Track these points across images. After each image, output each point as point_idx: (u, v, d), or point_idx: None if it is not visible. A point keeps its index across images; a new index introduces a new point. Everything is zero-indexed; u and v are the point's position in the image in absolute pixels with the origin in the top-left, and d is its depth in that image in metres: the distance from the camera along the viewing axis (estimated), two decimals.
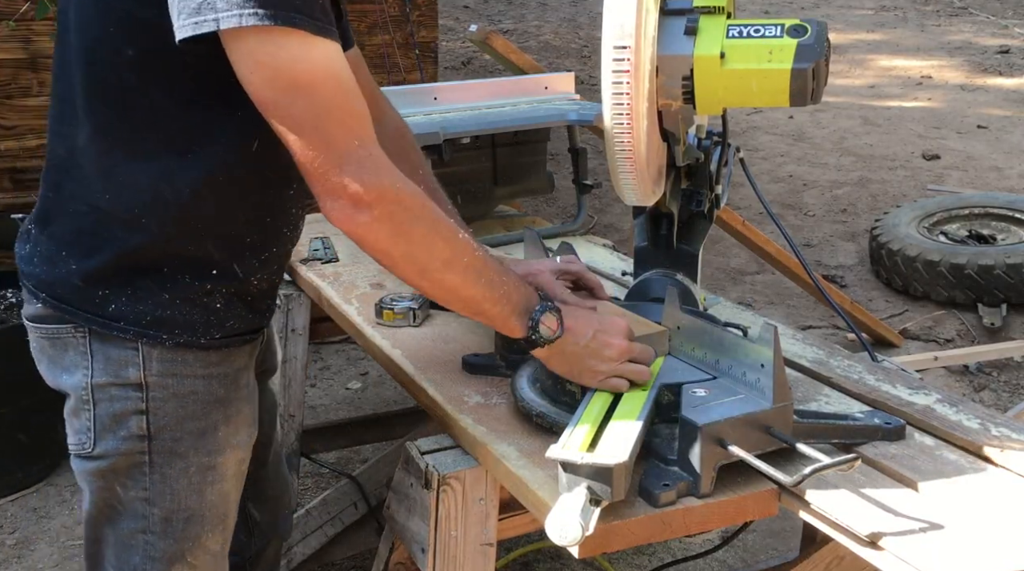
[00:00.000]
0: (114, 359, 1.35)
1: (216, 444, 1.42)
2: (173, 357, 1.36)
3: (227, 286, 1.39)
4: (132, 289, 1.33)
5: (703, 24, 1.36)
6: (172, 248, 1.33)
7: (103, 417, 1.37)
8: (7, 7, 3.58)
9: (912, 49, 8.88)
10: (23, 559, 2.80)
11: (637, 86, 1.31)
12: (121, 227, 1.31)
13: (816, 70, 1.31)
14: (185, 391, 1.38)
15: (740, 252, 4.79)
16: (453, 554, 1.43)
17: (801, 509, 1.26)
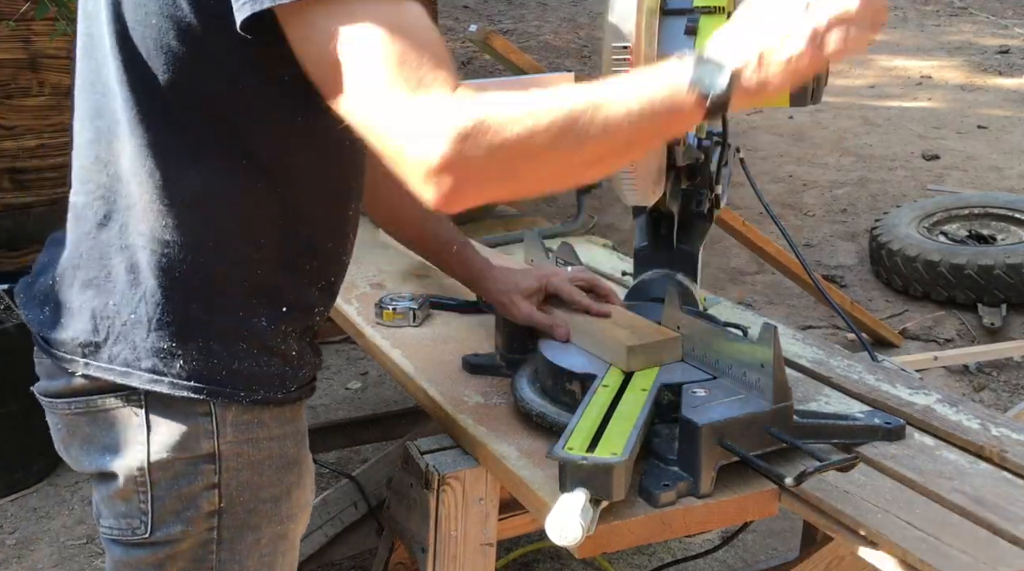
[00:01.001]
0: (183, 429, 1.15)
1: (289, 510, 1.26)
2: (249, 420, 1.18)
3: (298, 325, 1.22)
4: (205, 340, 1.14)
5: (703, 24, 1.36)
6: (246, 277, 1.15)
7: (166, 499, 1.16)
8: (7, 7, 3.58)
9: (912, 49, 8.88)
10: (23, 559, 2.80)
11: None
12: (187, 259, 1.12)
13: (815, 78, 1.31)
14: (261, 456, 1.20)
15: (740, 252, 4.79)
16: (453, 554, 1.43)
17: (801, 509, 1.26)
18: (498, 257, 2.08)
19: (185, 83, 1.08)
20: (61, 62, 3.78)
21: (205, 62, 1.08)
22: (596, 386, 1.38)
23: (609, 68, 1.33)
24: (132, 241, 1.12)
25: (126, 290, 1.13)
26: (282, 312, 1.19)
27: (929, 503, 1.22)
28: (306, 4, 0.98)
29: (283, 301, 1.19)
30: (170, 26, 1.06)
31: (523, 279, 1.63)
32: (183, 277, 1.12)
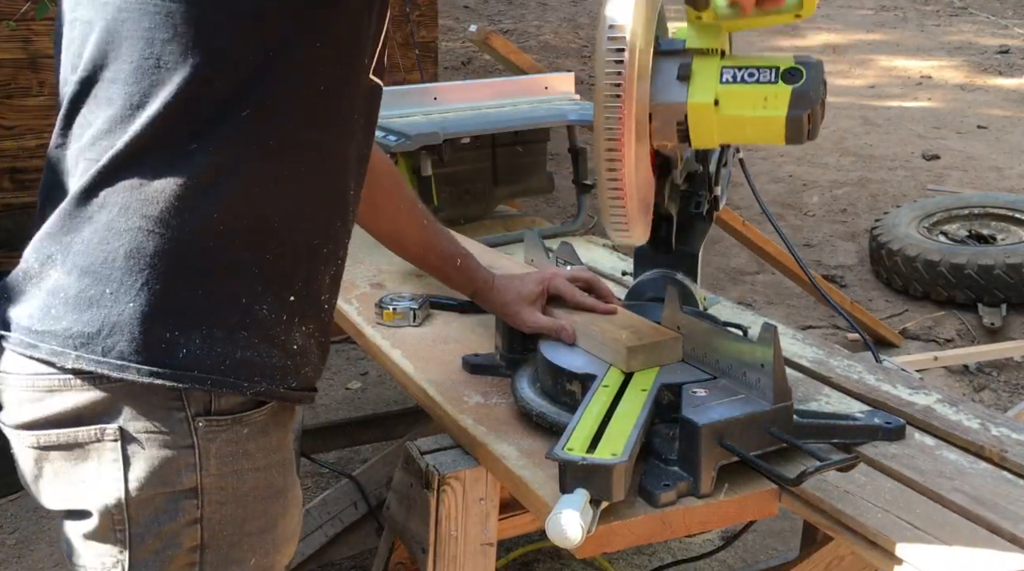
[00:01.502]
0: (160, 463, 1.09)
1: (275, 541, 1.21)
2: (234, 451, 1.12)
3: (304, 316, 1.18)
4: (207, 327, 1.08)
5: (696, 68, 1.33)
6: (255, 262, 1.11)
7: (145, 536, 1.11)
8: (7, 7, 3.58)
9: (912, 49, 8.88)
10: (23, 559, 2.80)
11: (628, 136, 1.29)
12: (200, 243, 1.08)
13: (811, 114, 1.29)
14: (246, 489, 1.15)
15: (740, 252, 4.79)
16: (453, 554, 1.43)
17: (801, 509, 1.26)
18: (498, 257, 2.08)
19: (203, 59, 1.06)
20: None
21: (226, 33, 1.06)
22: (596, 386, 1.38)
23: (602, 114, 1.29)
24: (135, 224, 1.06)
25: (125, 277, 1.06)
26: (289, 301, 1.15)
27: (929, 503, 1.22)
28: None
29: (292, 288, 1.15)
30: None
31: (525, 286, 1.63)
32: (191, 262, 1.07)
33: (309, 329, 1.19)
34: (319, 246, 1.18)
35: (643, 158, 1.34)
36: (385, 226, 1.59)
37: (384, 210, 1.56)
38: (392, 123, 2.37)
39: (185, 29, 1.05)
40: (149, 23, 1.06)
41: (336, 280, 1.24)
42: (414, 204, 1.59)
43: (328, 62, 1.11)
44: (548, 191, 2.69)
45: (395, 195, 1.57)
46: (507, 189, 2.58)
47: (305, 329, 1.19)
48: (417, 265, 1.70)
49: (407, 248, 1.63)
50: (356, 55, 1.16)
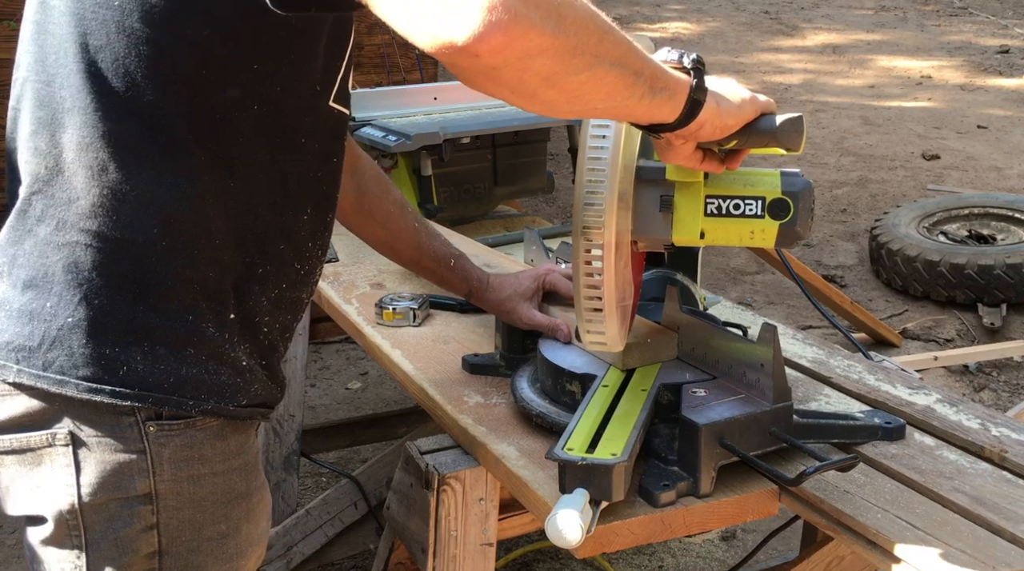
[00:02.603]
0: (112, 468, 1.07)
1: (238, 546, 1.18)
2: (189, 455, 1.10)
3: (245, 337, 1.15)
4: (150, 343, 1.06)
5: (678, 201, 1.29)
6: (196, 279, 1.09)
7: (100, 543, 1.09)
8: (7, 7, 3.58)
9: (912, 49, 8.88)
10: (23, 559, 2.79)
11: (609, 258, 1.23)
12: (134, 256, 1.06)
13: (800, 239, 1.28)
14: (204, 493, 1.13)
15: (740, 252, 4.79)
16: (453, 554, 1.43)
17: (801, 509, 1.26)
18: (498, 257, 2.08)
19: (146, 69, 1.03)
20: None
21: (170, 44, 1.03)
22: (596, 386, 1.38)
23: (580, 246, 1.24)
24: (73, 238, 1.05)
25: (64, 291, 1.05)
26: (230, 320, 1.13)
27: (929, 503, 1.23)
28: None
29: (231, 308, 1.13)
30: (135, 6, 1.02)
31: (520, 283, 1.63)
32: (131, 277, 1.05)
33: (248, 350, 1.16)
34: (253, 266, 1.14)
35: (623, 266, 1.29)
36: (378, 232, 1.59)
37: (375, 216, 1.56)
38: (392, 123, 2.37)
39: (121, 39, 1.03)
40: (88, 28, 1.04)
41: (280, 305, 1.19)
42: (404, 208, 1.59)
43: (268, 86, 1.08)
44: (548, 191, 2.69)
45: (385, 200, 1.57)
46: (507, 189, 2.58)
47: (245, 349, 1.16)
48: (412, 269, 1.70)
49: (400, 252, 1.63)
50: (303, 81, 1.13)
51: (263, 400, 1.20)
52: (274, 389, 1.22)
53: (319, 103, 1.17)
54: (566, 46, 0.89)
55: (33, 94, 1.09)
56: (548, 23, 0.87)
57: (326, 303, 2.05)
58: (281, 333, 1.23)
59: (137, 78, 1.03)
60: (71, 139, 1.05)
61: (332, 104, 1.19)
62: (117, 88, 1.04)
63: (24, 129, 1.10)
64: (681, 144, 1.15)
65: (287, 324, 1.24)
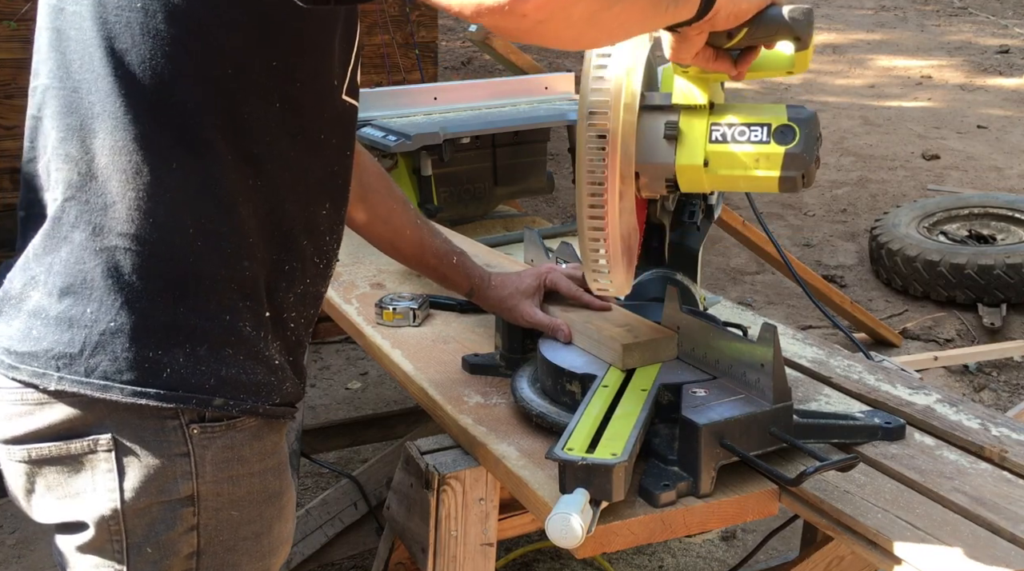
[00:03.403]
0: (156, 472, 1.08)
1: (270, 545, 1.20)
2: (229, 456, 1.11)
3: (277, 336, 1.17)
4: (191, 345, 1.07)
5: (683, 126, 1.28)
6: (233, 278, 1.10)
7: (142, 547, 1.10)
8: (7, 7, 3.58)
9: (912, 49, 8.88)
10: (23, 559, 2.80)
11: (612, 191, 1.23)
12: (172, 258, 1.07)
13: (806, 173, 1.25)
14: (242, 494, 1.14)
15: (740, 252, 4.79)
16: (453, 554, 1.43)
17: (801, 509, 1.26)
18: (498, 257, 2.08)
19: (173, 70, 1.04)
20: None
21: (195, 44, 1.04)
22: (596, 386, 1.38)
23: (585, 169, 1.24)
24: (111, 243, 1.06)
25: (104, 296, 1.05)
26: (265, 317, 1.14)
27: (929, 503, 1.22)
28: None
29: (265, 306, 1.14)
30: (158, 7, 1.03)
31: (522, 281, 1.63)
32: (170, 278, 1.07)
33: (279, 348, 1.18)
34: (280, 262, 1.16)
35: (627, 208, 1.29)
36: (380, 229, 1.59)
37: (379, 212, 1.57)
38: (392, 123, 2.37)
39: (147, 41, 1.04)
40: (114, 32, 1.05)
41: (304, 300, 1.21)
42: (406, 205, 1.60)
43: (289, 82, 1.10)
44: (548, 191, 2.69)
45: (388, 197, 1.57)
46: (507, 189, 2.58)
47: (277, 347, 1.17)
48: (413, 267, 1.70)
49: (402, 249, 1.63)
50: (322, 76, 1.15)
51: (292, 398, 1.21)
52: (300, 386, 1.23)
53: (335, 97, 1.19)
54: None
55: (58, 101, 1.09)
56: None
57: (326, 303, 2.05)
58: (305, 328, 1.24)
59: (164, 79, 1.04)
60: (103, 144, 1.05)
61: (345, 98, 1.21)
62: (146, 91, 1.04)
63: (51, 137, 1.10)
64: (696, 35, 1.15)
65: (310, 318, 1.25)
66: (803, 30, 1.17)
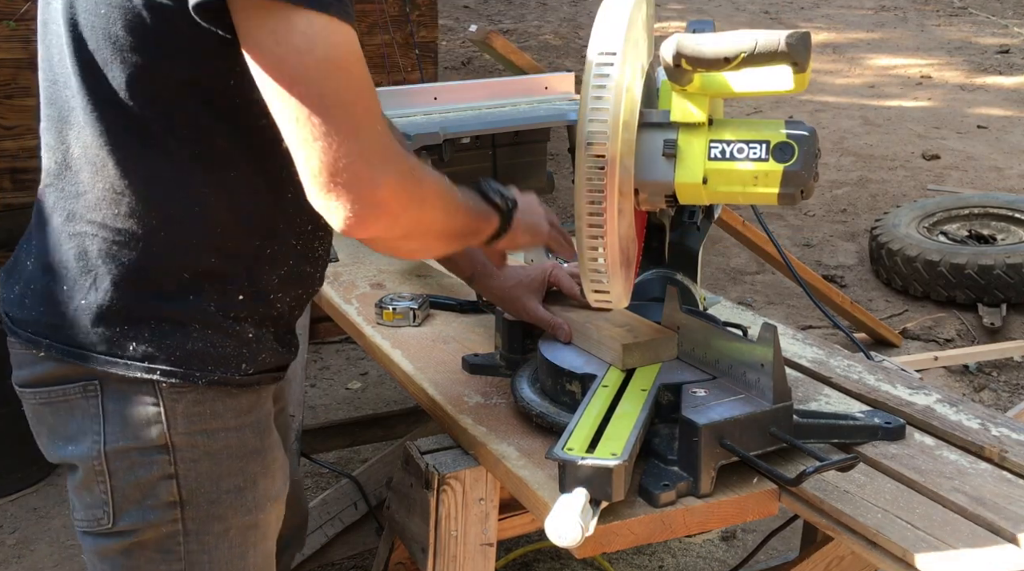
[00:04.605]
0: (133, 419, 1.18)
1: (256, 500, 1.26)
2: (201, 411, 1.20)
3: (254, 312, 1.24)
4: (156, 322, 1.16)
5: (682, 144, 1.28)
6: (195, 264, 1.17)
7: (123, 487, 1.19)
8: (7, 7, 3.58)
9: (912, 49, 8.88)
10: (23, 559, 2.80)
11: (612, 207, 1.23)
12: (136, 246, 1.15)
13: (804, 190, 1.25)
14: (219, 446, 1.22)
15: (740, 252, 4.79)
16: (453, 554, 1.43)
17: (801, 509, 1.26)
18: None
19: (130, 75, 1.11)
20: None
21: (150, 52, 1.10)
22: (596, 386, 1.38)
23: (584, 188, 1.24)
24: (81, 229, 1.16)
25: (77, 277, 1.16)
26: (238, 300, 1.21)
27: (929, 503, 1.22)
28: None
29: (238, 289, 1.21)
30: (118, 15, 1.08)
31: (527, 274, 1.63)
32: (133, 265, 1.15)
33: (261, 321, 1.25)
34: (262, 248, 1.23)
35: (626, 222, 1.29)
36: None
37: None
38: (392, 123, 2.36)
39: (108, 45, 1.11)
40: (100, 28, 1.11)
41: (289, 280, 1.28)
42: None
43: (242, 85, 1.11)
44: (548, 191, 2.69)
45: None
46: None
47: (255, 320, 1.24)
48: None
49: None
50: None
51: (271, 366, 1.28)
52: (284, 353, 1.31)
53: None
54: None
55: (44, 92, 1.19)
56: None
57: (326, 303, 2.05)
58: (293, 303, 1.31)
59: (123, 83, 1.11)
60: (76, 136, 1.14)
61: None
62: (107, 91, 1.12)
63: (41, 125, 1.21)
64: (500, 247, 1.43)
65: (298, 296, 1.32)
66: (800, 55, 1.17)
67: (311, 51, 1.02)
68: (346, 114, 1.04)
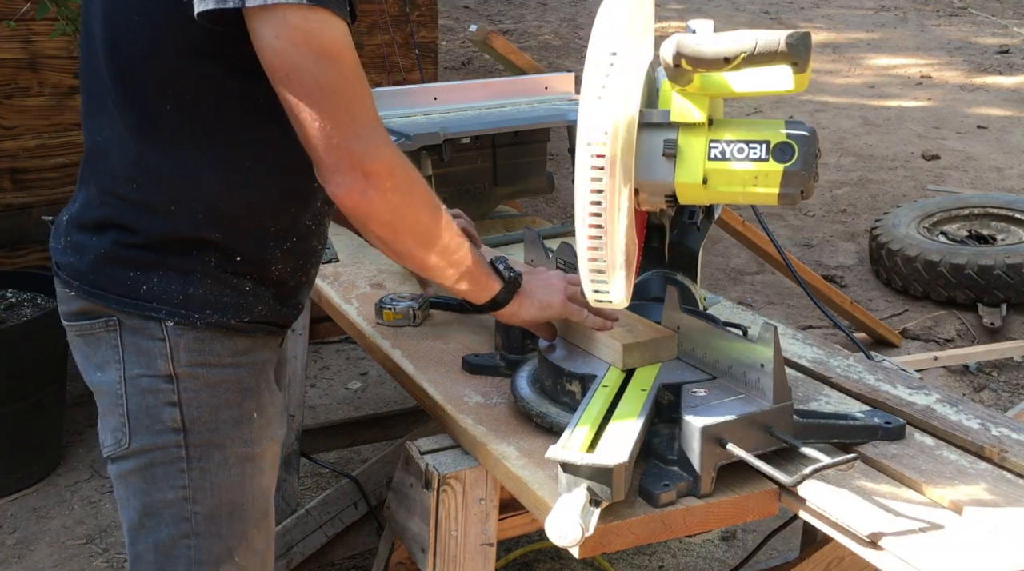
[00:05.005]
0: (144, 351, 1.35)
1: (252, 433, 1.41)
2: (200, 347, 1.36)
3: (252, 272, 1.39)
4: (163, 270, 1.34)
5: (682, 144, 1.29)
6: (199, 235, 1.34)
7: (136, 411, 1.36)
8: (7, 7, 3.58)
9: (912, 49, 8.88)
10: (23, 559, 2.80)
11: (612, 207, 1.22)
12: (150, 215, 1.33)
13: (804, 190, 1.25)
14: (216, 379, 1.37)
15: (740, 252, 4.79)
16: (453, 554, 1.43)
17: (801, 509, 1.26)
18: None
19: (155, 74, 1.29)
20: (61, 62, 3.77)
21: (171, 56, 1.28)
22: (596, 386, 1.38)
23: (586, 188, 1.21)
24: (108, 200, 1.36)
25: (101, 234, 1.36)
26: (236, 261, 1.37)
27: (929, 503, 1.22)
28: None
29: (237, 253, 1.37)
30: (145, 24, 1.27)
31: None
32: (145, 229, 1.34)
33: (260, 281, 1.41)
34: (266, 227, 1.39)
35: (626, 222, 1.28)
36: None
37: None
38: (392, 123, 2.37)
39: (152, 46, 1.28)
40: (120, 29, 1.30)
41: (292, 253, 1.43)
42: None
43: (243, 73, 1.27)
44: (548, 191, 2.69)
45: None
46: (507, 189, 2.58)
47: (254, 278, 1.40)
48: None
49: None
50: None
51: (268, 319, 1.43)
52: (284, 311, 1.47)
53: None
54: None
55: (84, 83, 1.40)
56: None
57: (326, 303, 2.05)
58: (295, 272, 1.46)
59: (145, 82, 1.30)
60: (107, 123, 1.35)
61: None
62: (132, 89, 1.31)
63: (82, 110, 1.41)
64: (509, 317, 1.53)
65: (300, 265, 1.47)
66: (800, 55, 1.17)
67: (308, 43, 1.18)
68: (339, 99, 1.21)
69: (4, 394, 2.97)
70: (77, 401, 3.38)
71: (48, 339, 2.92)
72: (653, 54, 1.36)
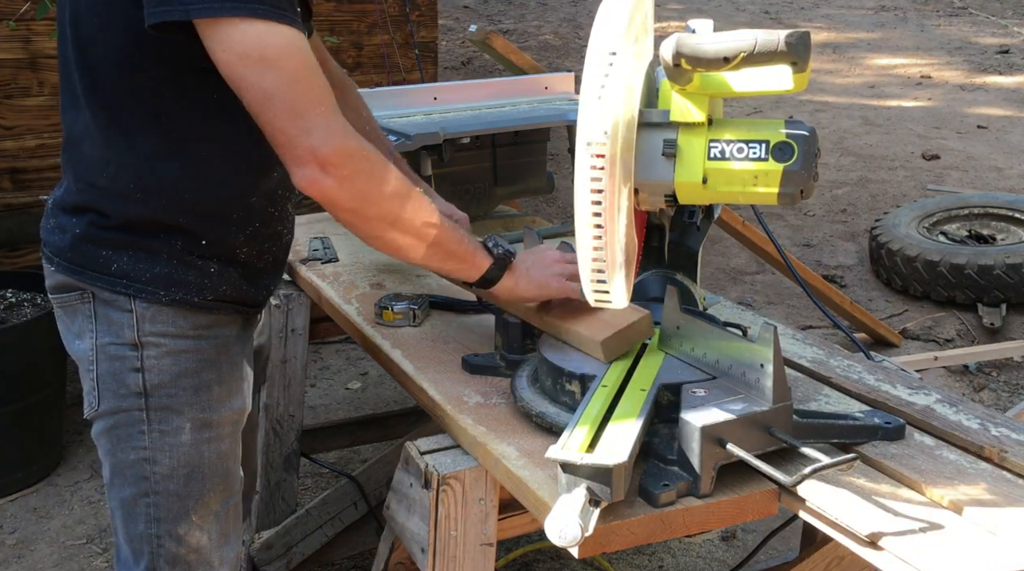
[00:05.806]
0: (114, 321, 1.48)
1: (210, 402, 1.52)
2: (164, 319, 1.48)
3: (218, 254, 1.51)
4: (132, 250, 1.47)
5: (682, 144, 1.29)
6: (164, 220, 1.46)
7: (104, 376, 1.49)
8: (7, 7, 3.58)
9: (912, 49, 8.88)
10: (23, 559, 2.80)
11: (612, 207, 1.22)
12: (119, 201, 1.45)
13: (804, 190, 1.25)
14: (178, 349, 1.49)
15: (740, 252, 4.79)
16: (453, 554, 1.43)
17: (801, 509, 1.26)
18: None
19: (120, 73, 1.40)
20: None
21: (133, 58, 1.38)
22: (596, 386, 1.38)
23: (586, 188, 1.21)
24: (82, 186, 1.48)
25: (78, 218, 1.48)
26: (201, 245, 1.49)
27: (929, 503, 1.22)
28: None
29: (201, 237, 1.49)
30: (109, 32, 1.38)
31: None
32: (115, 213, 1.46)
33: (226, 262, 1.52)
34: (228, 213, 1.50)
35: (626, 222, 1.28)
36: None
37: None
38: (392, 123, 2.37)
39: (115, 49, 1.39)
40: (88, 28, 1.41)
41: (256, 237, 1.55)
42: (363, 106, 1.91)
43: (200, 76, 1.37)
44: (548, 191, 2.69)
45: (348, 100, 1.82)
46: (507, 189, 2.58)
47: (220, 261, 1.52)
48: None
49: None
50: None
51: (234, 298, 1.55)
52: (251, 291, 1.58)
53: None
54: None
55: (62, 81, 1.49)
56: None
57: (326, 303, 2.05)
58: (261, 254, 1.58)
59: (112, 81, 1.42)
60: (79, 117, 1.46)
61: None
62: (101, 87, 1.43)
63: (60, 104, 1.51)
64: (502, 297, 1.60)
65: (266, 248, 1.59)
66: (800, 55, 1.17)
67: (248, 55, 1.28)
68: (283, 102, 1.30)
69: (4, 394, 2.96)
70: (77, 401, 3.36)
71: (48, 339, 2.92)
72: (653, 54, 1.36)
